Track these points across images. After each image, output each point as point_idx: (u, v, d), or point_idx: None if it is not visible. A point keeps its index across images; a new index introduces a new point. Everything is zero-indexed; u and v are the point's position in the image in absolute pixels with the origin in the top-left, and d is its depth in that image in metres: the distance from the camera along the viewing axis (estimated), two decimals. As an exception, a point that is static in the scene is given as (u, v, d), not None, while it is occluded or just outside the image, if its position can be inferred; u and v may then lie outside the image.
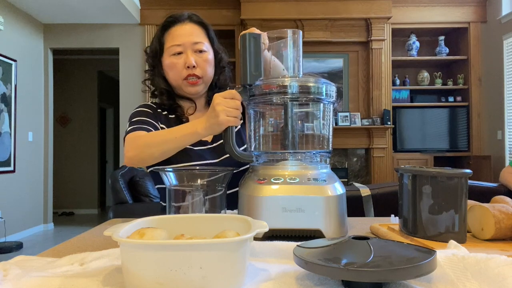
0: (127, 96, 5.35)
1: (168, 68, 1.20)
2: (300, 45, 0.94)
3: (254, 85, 0.89)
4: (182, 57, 1.18)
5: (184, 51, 1.18)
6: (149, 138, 1.05)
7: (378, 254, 0.53)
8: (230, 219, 0.67)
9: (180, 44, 1.18)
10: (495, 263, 0.55)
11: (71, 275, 0.58)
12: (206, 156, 1.17)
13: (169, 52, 1.19)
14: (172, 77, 1.21)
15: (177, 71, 1.19)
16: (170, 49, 1.19)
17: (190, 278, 0.49)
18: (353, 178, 5.22)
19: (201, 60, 1.18)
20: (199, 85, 1.20)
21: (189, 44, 1.18)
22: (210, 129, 0.94)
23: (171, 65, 1.19)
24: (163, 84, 1.23)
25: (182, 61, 1.18)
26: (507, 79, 4.78)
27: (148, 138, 1.05)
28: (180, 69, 1.18)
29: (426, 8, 5.19)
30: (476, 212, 0.79)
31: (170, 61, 1.19)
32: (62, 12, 4.97)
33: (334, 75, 5.19)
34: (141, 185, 3.17)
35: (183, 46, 1.18)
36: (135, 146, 1.05)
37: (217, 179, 0.87)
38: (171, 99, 1.24)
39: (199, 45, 1.18)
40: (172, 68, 1.19)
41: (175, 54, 1.18)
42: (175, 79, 1.20)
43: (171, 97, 1.25)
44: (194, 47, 1.18)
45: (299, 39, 0.94)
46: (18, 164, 4.92)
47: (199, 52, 1.19)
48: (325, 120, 0.94)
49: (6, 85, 4.72)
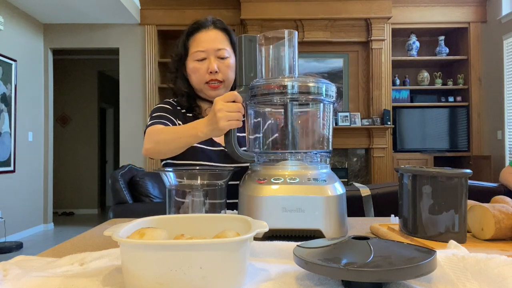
0: (127, 96, 5.35)
1: (191, 72, 1.28)
2: (295, 46, 0.94)
3: (255, 85, 0.90)
4: (205, 63, 1.26)
5: (207, 56, 1.25)
6: (161, 136, 1.12)
7: (378, 254, 0.53)
8: (230, 219, 0.67)
9: (203, 50, 1.25)
10: (495, 263, 0.55)
11: (71, 275, 0.58)
12: (214, 158, 1.22)
13: (193, 57, 1.27)
14: (195, 80, 1.29)
15: (200, 75, 1.26)
16: (194, 54, 1.26)
17: (190, 278, 0.49)
18: (353, 178, 5.22)
19: (223, 66, 1.26)
20: (220, 89, 1.27)
21: (212, 50, 1.25)
22: (211, 133, 0.98)
23: (195, 70, 1.27)
24: (184, 86, 1.31)
25: (205, 66, 1.25)
26: (507, 79, 4.78)
27: (161, 135, 1.12)
28: (203, 73, 1.26)
29: (426, 8, 5.19)
30: (476, 212, 0.79)
31: (194, 65, 1.27)
32: (62, 12, 4.97)
33: (334, 75, 5.19)
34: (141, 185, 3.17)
35: (207, 52, 1.25)
36: (151, 140, 1.13)
37: (217, 179, 0.87)
38: (190, 100, 1.32)
39: (221, 52, 1.26)
40: (195, 72, 1.27)
41: (198, 60, 1.26)
42: (197, 83, 1.28)
43: (191, 99, 1.32)
44: (217, 53, 1.25)
45: (295, 39, 0.94)
46: (18, 164, 4.92)
47: (221, 58, 1.26)
48: (325, 120, 0.94)
49: (6, 85, 4.72)
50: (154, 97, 5.29)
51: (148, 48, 5.28)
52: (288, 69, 0.94)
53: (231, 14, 5.20)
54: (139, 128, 5.31)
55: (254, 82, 0.91)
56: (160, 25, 5.28)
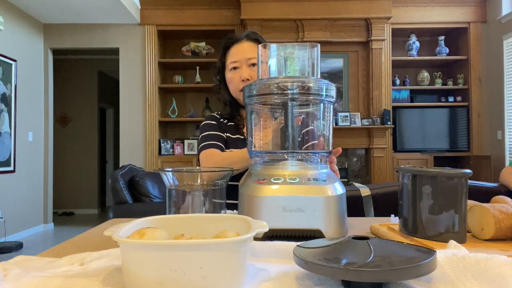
0: (127, 96, 5.35)
1: (228, 82, 1.42)
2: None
3: (255, 85, 0.90)
4: (238, 72, 1.38)
5: (240, 66, 1.37)
6: (222, 161, 1.25)
7: (378, 254, 0.53)
8: (230, 219, 0.67)
9: (236, 60, 1.38)
10: (495, 263, 0.55)
11: (71, 275, 0.58)
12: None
13: (228, 68, 1.40)
14: (231, 89, 1.41)
15: (234, 84, 1.39)
16: (229, 65, 1.40)
17: (190, 278, 0.49)
18: (353, 178, 5.22)
19: (255, 73, 1.35)
20: None
21: (243, 60, 1.37)
22: None
23: (230, 79, 1.40)
24: (227, 96, 1.44)
25: (239, 75, 1.37)
26: (507, 79, 4.78)
27: (221, 161, 1.26)
28: (237, 82, 1.37)
29: (426, 8, 5.19)
30: (476, 212, 0.79)
31: (229, 76, 1.40)
32: (62, 12, 4.97)
33: (334, 75, 5.19)
34: (141, 185, 3.16)
35: (239, 62, 1.37)
36: (212, 162, 1.28)
37: (217, 179, 0.87)
38: (233, 108, 1.45)
39: (252, 60, 1.36)
40: (231, 82, 1.40)
41: (232, 69, 1.39)
42: (233, 91, 1.41)
43: (233, 107, 1.45)
44: (248, 62, 1.37)
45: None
46: (18, 164, 4.92)
47: (252, 65, 1.37)
48: (325, 120, 0.94)
49: (6, 85, 4.72)
50: (154, 97, 5.28)
51: (148, 48, 5.28)
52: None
53: (231, 14, 5.20)
54: (139, 128, 5.31)
55: (254, 82, 0.91)
56: (160, 25, 5.28)
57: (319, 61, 0.93)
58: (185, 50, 5.44)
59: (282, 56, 0.93)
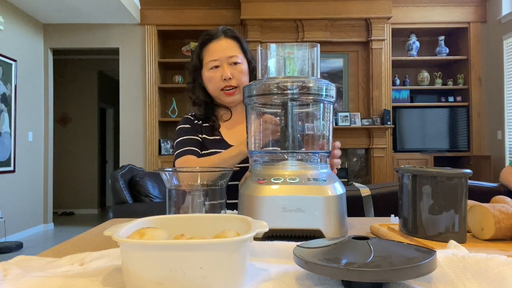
0: (127, 96, 5.35)
1: (207, 81, 1.35)
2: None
3: (255, 85, 0.89)
4: (219, 71, 1.32)
5: (221, 64, 1.32)
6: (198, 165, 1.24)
7: (378, 254, 0.53)
8: (230, 219, 0.67)
9: (216, 59, 1.32)
10: (495, 263, 0.55)
11: (71, 275, 0.58)
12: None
13: (207, 66, 1.34)
14: (211, 88, 1.36)
15: (215, 83, 1.33)
16: (208, 63, 1.33)
17: (190, 278, 0.49)
18: (353, 178, 5.22)
19: (236, 72, 1.32)
20: (236, 94, 1.34)
21: (224, 58, 1.32)
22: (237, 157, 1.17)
23: (210, 78, 1.34)
24: (202, 95, 1.39)
25: (219, 74, 1.32)
26: (507, 79, 4.78)
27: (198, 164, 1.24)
28: (218, 81, 1.32)
29: (426, 8, 5.19)
30: (476, 212, 0.79)
31: (209, 74, 1.34)
32: (62, 12, 4.97)
33: (334, 75, 5.19)
34: (141, 185, 3.16)
35: (220, 60, 1.32)
36: None
37: (217, 179, 0.87)
38: (208, 109, 1.40)
39: (233, 58, 1.32)
40: (211, 81, 1.34)
41: (212, 68, 1.33)
42: (213, 90, 1.35)
43: (209, 107, 1.40)
44: (229, 60, 1.32)
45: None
46: (18, 164, 4.92)
47: (234, 64, 1.33)
48: (325, 120, 0.94)
49: (6, 85, 4.72)
50: (154, 97, 5.28)
51: (148, 48, 5.28)
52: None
53: (231, 14, 5.20)
54: (139, 128, 5.31)
55: (254, 82, 0.91)
56: (160, 25, 5.28)
57: (319, 61, 0.93)
58: (185, 50, 5.44)
59: (281, 56, 0.93)
